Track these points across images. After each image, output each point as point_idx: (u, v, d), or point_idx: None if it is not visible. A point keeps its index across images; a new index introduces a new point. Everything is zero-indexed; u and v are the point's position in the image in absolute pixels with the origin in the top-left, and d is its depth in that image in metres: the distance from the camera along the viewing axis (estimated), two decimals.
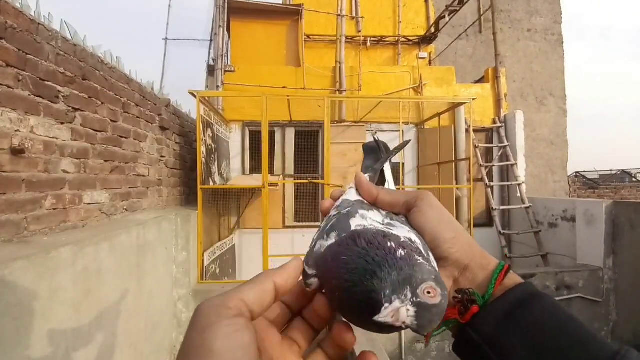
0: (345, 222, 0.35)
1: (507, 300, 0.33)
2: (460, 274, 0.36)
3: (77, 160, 2.22)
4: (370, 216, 0.37)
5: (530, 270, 3.97)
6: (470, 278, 0.36)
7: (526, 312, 0.32)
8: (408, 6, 6.22)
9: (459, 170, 5.03)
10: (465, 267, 0.36)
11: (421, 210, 0.38)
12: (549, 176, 7.27)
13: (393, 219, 0.38)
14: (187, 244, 3.26)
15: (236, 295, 0.27)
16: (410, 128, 5.47)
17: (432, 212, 0.37)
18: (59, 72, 2.05)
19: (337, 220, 0.37)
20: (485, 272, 0.36)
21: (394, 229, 0.34)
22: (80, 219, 2.24)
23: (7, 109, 1.68)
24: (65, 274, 1.67)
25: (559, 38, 7.81)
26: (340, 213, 0.38)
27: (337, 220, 0.37)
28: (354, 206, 0.39)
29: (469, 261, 0.36)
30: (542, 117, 7.46)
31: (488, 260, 0.36)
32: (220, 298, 0.27)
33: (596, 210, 3.99)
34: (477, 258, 0.36)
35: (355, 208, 0.38)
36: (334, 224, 0.36)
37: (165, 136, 3.69)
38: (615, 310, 3.89)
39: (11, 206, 1.70)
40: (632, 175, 12.44)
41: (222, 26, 5.22)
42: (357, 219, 0.36)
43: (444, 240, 0.35)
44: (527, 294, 0.34)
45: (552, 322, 0.31)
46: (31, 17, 1.86)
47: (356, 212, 0.37)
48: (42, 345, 1.49)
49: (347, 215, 0.37)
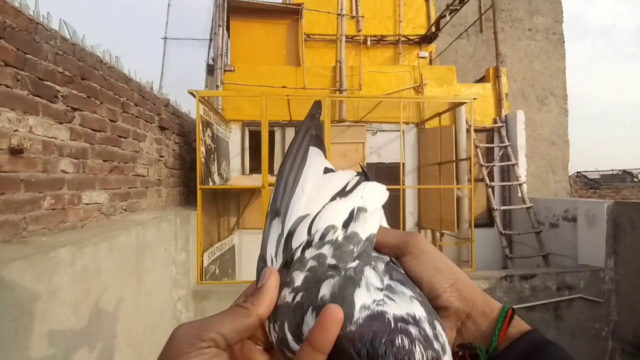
0: (350, 296, 0.28)
1: (512, 354, 0.32)
2: (463, 324, 0.34)
3: (76, 160, 2.21)
4: (372, 280, 0.31)
5: (531, 271, 3.96)
6: (473, 328, 0.34)
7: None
8: (408, 5, 6.20)
9: (459, 170, 5.02)
10: (468, 316, 0.34)
11: (416, 258, 0.36)
12: (550, 176, 7.25)
13: (392, 275, 0.32)
14: (187, 244, 3.25)
15: (214, 328, 0.28)
16: (411, 128, 5.46)
17: (427, 260, 0.36)
18: (58, 72, 2.04)
19: (340, 288, 0.29)
20: (488, 320, 0.34)
21: (396, 300, 0.30)
22: (79, 219, 2.24)
23: (5, 109, 1.68)
24: (64, 274, 1.66)
25: (560, 37, 7.79)
26: (342, 269, 0.30)
27: (340, 288, 0.29)
28: (361, 258, 0.32)
29: (471, 309, 0.34)
30: (543, 117, 7.44)
31: (491, 306, 0.34)
32: (196, 327, 0.28)
33: (597, 210, 3.97)
34: (479, 305, 0.34)
35: (362, 265, 0.31)
36: (334, 293, 0.29)
37: (164, 136, 3.68)
38: (616, 310, 3.88)
39: (10, 206, 1.70)
40: (634, 175, 12.43)
41: (221, 25, 5.21)
42: (362, 291, 0.29)
43: (443, 290, 0.34)
44: (533, 345, 0.32)
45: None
46: (30, 17, 1.85)
47: (361, 275, 0.30)
48: (41, 346, 1.49)
49: (352, 281, 0.30)
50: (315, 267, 0.31)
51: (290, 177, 0.39)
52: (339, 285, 0.29)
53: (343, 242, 0.32)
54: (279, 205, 0.37)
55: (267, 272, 0.32)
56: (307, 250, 0.32)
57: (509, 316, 0.34)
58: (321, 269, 0.30)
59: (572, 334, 3.82)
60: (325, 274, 0.30)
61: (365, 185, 0.38)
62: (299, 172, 0.39)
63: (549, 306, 3.78)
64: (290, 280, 0.31)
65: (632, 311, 3.74)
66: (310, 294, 0.29)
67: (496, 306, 0.35)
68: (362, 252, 0.32)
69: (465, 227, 4.95)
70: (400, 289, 0.31)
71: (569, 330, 3.81)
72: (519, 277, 3.76)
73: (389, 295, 0.30)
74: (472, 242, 4.23)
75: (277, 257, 0.34)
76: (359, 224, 0.34)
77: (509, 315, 0.34)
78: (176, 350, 0.26)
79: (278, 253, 0.34)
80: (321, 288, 0.29)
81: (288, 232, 0.35)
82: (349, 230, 0.33)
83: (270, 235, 0.35)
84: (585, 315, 3.82)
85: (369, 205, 0.36)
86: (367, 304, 0.28)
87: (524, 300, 3.73)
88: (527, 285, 3.75)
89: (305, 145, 0.41)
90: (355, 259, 0.31)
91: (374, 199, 0.37)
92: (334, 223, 0.33)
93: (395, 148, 5.27)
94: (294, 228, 0.35)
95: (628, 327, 3.76)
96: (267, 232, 0.36)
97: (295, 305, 0.29)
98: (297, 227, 0.34)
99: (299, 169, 0.39)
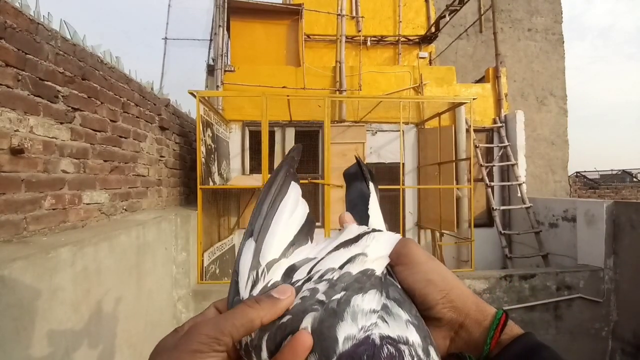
0: (329, 330, 0.29)
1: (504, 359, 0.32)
2: (456, 333, 0.34)
3: (77, 160, 2.21)
4: (365, 306, 0.30)
5: (530, 271, 3.96)
6: (467, 337, 0.34)
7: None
8: (408, 6, 6.21)
9: (459, 170, 5.02)
10: (461, 325, 0.34)
11: (408, 270, 0.36)
12: (550, 176, 7.26)
13: (389, 294, 0.32)
14: (187, 244, 3.25)
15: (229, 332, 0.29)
16: (411, 128, 5.47)
17: (419, 271, 0.35)
18: (59, 72, 2.05)
19: (319, 322, 0.29)
20: (481, 329, 0.34)
21: (390, 323, 0.30)
22: (79, 219, 2.24)
23: (6, 109, 1.68)
24: (65, 274, 1.67)
25: (559, 38, 7.80)
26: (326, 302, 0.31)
27: (319, 322, 0.29)
28: (349, 289, 0.32)
29: (464, 319, 0.34)
30: (542, 117, 7.44)
31: (484, 314, 0.34)
32: (216, 329, 0.29)
33: (597, 210, 3.98)
34: (472, 313, 0.34)
35: (350, 294, 0.31)
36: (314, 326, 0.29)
37: (164, 136, 3.69)
38: (615, 310, 3.88)
39: (10, 206, 1.70)
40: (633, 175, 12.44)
41: (222, 26, 5.21)
42: (347, 323, 0.29)
43: (435, 302, 0.34)
44: (525, 349, 0.32)
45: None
46: (30, 17, 1.86)
47: (346, 307, 0.30)
48: (41, 346, 1.49)
49: (334, 314, 0.30)
50: (306, 297, 0.32)
51: (267, 201, 0.41)
52: (319, 318, 0.30)
53: (336, 281, 0.33)
54: (253, 225, 0.39)
55: (288, 290, 0.32)
56: (306, 282, 0.34)
57: (502, 323, 0.33)
58: (310, 302, 0.31)
59: (571, 334, 3.82)
60: (312, 307, 0.31)
61: (375, 235, 0.39)
62: (277, 199, 0.41)
63: (549, 306, 3.78)
64: None
65: (631, 311, 3.74)
66: (295, 321, 0.30)
67: (490, 313, 0.34)
68: (353, 282, 0.33)
69: (464, 227, 4.95)
70: (397, 310, 0.31)
71: (569, 330, 3.81)
72: (518, 277, 3.76)
73: (383, 317, 0.30)
74: (471, 242, 4.24)
75: (252, 275, 0.35)
76: (356, 266, 0.35)
77: (502, 322, 0.33)
78: (196, 346, 0.27)
79: (254, 272, 0.36)
80: (304, 319, 0.30)
81: (292, 264, 0.37)
82: (344, 270, 0.34)
83: (245, 254, 0.37)
84: (584, 315, 3.82)
85: (372, 252, 0.36)
86: (352, 334, 0.28)
87: (523, 300, 3.74)
88: (526, 285, 3.76)
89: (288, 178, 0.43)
90: (342, 290, 0.32)
91: (378, 248, 0.37)
92: (334, 266, 0.35)
93: (395, 148, 5.28)
94: (299, 265, 0.37)
95: (628, 327, 3.77)
96: (240, 249, 0.38)
97: (279, 325, 0.30)
98: (303, 265, 0.37)
99: (278, 195, 0.41)
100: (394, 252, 0.37)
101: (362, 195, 0.49)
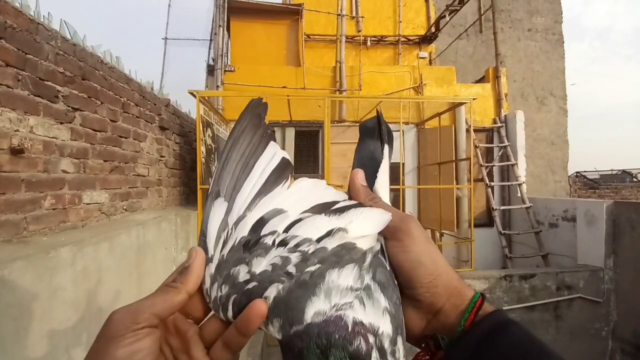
0: (296, 301, 0.29)
1: (474, 335, 0.32)
2: (434, 316, 0.35)
3: (77, 160, 2.21)
4: (341, 282, 0.29)
5: (530, 271, 3.96)
6: (443, 320, 0.34)
7: (489, 349, 0.31)
8: (408, 6, 6.21)
9: (459, 170, 5.03)
10: (439, 310, 0.34)
11: (401, 247, 0.35)
12: (550, 176, 7.26)
13: (375, 275, 0.31)
14: (187, 244, 3.26)
15: (147, 310, 0.29)
16: (411, 128, 5.47)
17: (412, 250, 0.35)
18: (59, 72, 2.05)
19: (288, 291, 0.29)
20: (457, 312, 0.34)
21: (367, 306, 0.29)
22: (79, 219, 2.24)
23: (6, 109, 1.68)
24: (65, 274, 1.67)
25: (559, 38, 7.80)
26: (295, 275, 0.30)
27: (288, 291, 0.29)
28: (324, 262, 0.31)
29: (443, 304, 0.34)
30: (542, 117, 7.45)
31: (463, 298, 0.34)
32: (130, 311, 0.29)
33: (597, 210, 3.98)
34: (452, 298, 0.34)
35: (325, 268, 0.30)
36: (278, 296, 0.29)
37: (165, 136, 3.69)
38: (615, 310, 3.88)
39: (10, 206, 1.70)
40: (633, 175, 12.44)
41: (222, 26, 5.21)
42: (319, 299, 0.29)
43: (420, 285, 0.34)
44: (494, 325, 0.32)
45: (519, 354, 0.30)
46: (31, 17, 1.86)
47: (319, 281, 0.29)
48: (41, 346, 1.49)
49: (304, 286, 0.29)
50: (276, 265, 0.31)
51: (241, 160, 0.38)
52: (287, 289, 0.29)
53: (310, 255, 0.31)
54: (222, 186, 0.36)
55: (193, 252, 0.33)
56: (279, 247, 0.32)
57: (477, 307, 0.33)
58: (279, 272, 0.31)
59: (571, 334, 3.82)
60: (279, 277, 0.30)
61: (363, 211, 0.36)
62: (252, 159, 0.38)
63: (549, 306, 3.78)
64: (249, 262, 0.32)
65: (631, 311, 3.75)
66: (259, 288, 0.30)
67: (467, 298, 0.34)
68: (330, 255, 0.31)
69: (464, 227, 4.95)
70: (377, 295, 0.30)
71: (569, 330, 3.82)
72: (518, 276, 3.77)
73: (362, 299, 0.29)
74: (471, 241, 4.24)
75: (222, 235, 0.34)
76: (334, 241, 0.32)
77: (477, 305, 0.33)
78: (112, 333, 0.28)
79: (225, 232, 0.34)
80: (269, 288, 0.30)
81: (260, 217, 0.35)
82: (319, 245, 0.32)
83: (214, 215, 0.35)
84: (584, 315, 3.83)
85: (354, 230, 0.33)
86: (323, 310, 0.28)
87: (523, 300, 3.74)
88: (526, 285, 3.76)
89: (265, 138, 0.40)
90: (317, 264, 0.31)
91: (363, 226, 0.34)
92: (311, 237, 0.33)
93: (395, 148, 5.27)
94: (268, 217, 0.35)
95: (628, 327, 3.77)
96: (207, 211, 0.36)
97: (245, 290, 0.31)
98: (272, 218, 0.35)
99: (253, 155, 0.39)
100: (392, 226, 0.36)
101: (373, 158, 0.46)
